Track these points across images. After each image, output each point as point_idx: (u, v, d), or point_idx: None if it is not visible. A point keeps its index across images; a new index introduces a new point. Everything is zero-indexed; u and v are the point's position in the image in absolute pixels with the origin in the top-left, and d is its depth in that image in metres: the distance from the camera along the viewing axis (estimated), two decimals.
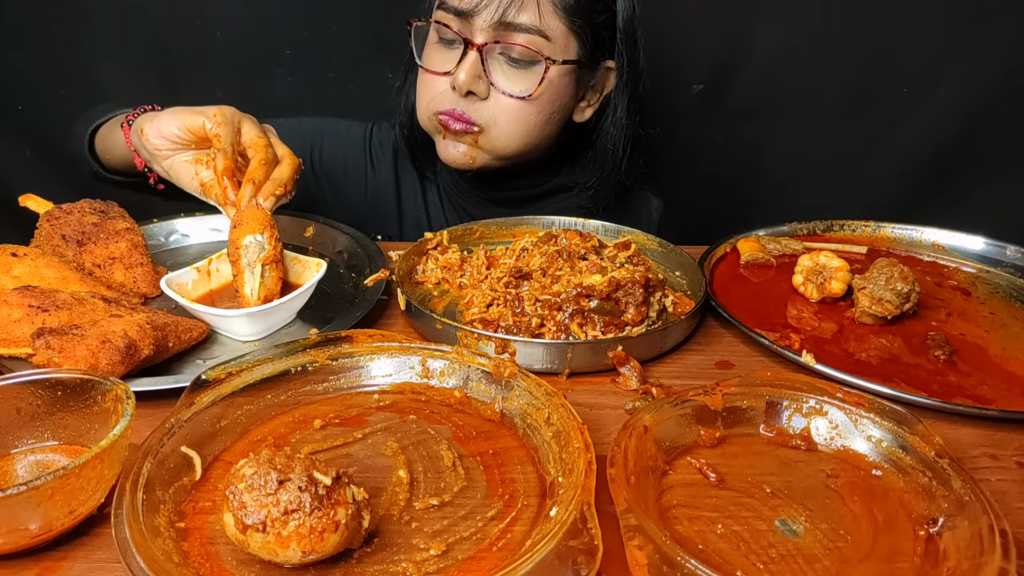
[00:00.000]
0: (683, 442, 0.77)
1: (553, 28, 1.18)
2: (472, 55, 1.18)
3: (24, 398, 0.71)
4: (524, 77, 1.20)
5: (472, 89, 1.20)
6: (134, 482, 0.63)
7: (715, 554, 0.65)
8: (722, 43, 1.83)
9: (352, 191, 1.50)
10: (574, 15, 1.19)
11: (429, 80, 1.25)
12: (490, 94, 1.21)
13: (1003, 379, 0.95)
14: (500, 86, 1.21)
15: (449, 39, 1.22)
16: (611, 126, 1.31)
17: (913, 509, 0.70)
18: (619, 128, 1.31)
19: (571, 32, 1.20)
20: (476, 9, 1.16)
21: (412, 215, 1.50)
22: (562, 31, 1.19)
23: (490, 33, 1.17)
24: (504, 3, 1.15)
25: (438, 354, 0.85)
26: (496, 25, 1.16)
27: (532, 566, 0.57)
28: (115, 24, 1.75)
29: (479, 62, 1.19)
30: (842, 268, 1.10)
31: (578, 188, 1.40)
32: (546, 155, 1.36)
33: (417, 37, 1.29)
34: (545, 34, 1.18)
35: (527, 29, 1.17)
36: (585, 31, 1.21)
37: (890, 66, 1.81)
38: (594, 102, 1.33)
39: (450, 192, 1.46)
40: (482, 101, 1.22)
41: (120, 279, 1.05)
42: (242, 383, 0.78)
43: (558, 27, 1.19)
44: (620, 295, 0.97)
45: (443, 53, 1.23)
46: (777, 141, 1.92)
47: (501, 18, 1.15)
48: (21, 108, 1.82)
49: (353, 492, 0.61)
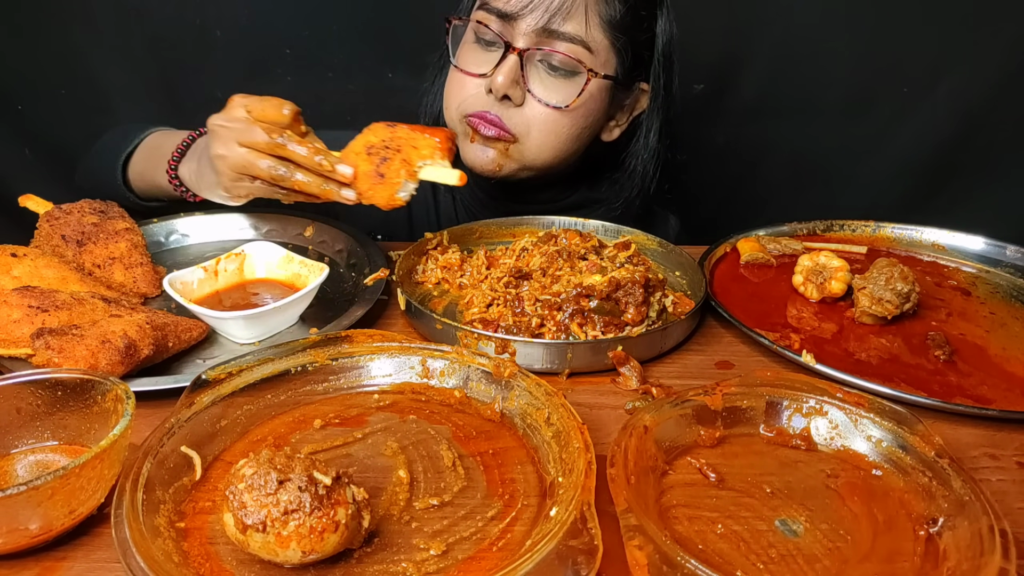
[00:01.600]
0: (683, 442, 0.77)
1: (597, 41, 1.16)
2: (512, 59, 1.15)
3: (24, 398, 0.71)
4: (562, 87, 1.18)
5: (508, 94, 1.16)
6: (134, 482, 0.63)
7: (715, 554, 0.65)
8: (722, 43, 1.83)
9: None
10: (619, 31, 1.17)
11: (461, 80, 1.22)
12: (525, 101, 1.18)
13: (1003, 379, 0.95)
14: (537, 93, 1.17)
15: (488, 40, 1.18)
16: (641, 149, 1.30)
17: (913, 509, 0.70)
18: (649, 151, 1.29)
19: (613, 48, 1.18)
20: (521, 13, 1.13)
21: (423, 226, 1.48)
22: (605, 46, 1.17)
23: (532, 38, 1.14)
24: (551, 9, 1.12)
25: (438, 354, 0.85)
26: (540, 31, 1.13)
27: (532, 566, 0.57)
28: (115, 23, 1.75)
29: (518, 66, 1.15)
30: (842, 268, 1.10)
31: (599, 207, 1.37)
32: (568, 171, 1.33)
33: (453, 36, 1.25)
34: (588, 46, 1.15)
35: (571, 38, 1.14)
36: (627, 49, 1.19)
37: (890, 66, 1.81)
38: (623, 122, 1.31)
39: (467, 203, 1.43)
40: (516, 108, 1.18)
41: (120, 279, 1.05)
42: (242, 383, 0.78)
43: (601, 41, 1.16)
44: (620, 295, 0.97)
45: (480, 54, 1.20)
46: (777, 141, 1.92)
47: (547, 24, 1.13)
48: (21, 108, 1.82)
49: (353, 492, 0.61)
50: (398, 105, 1.75)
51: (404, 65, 1.77)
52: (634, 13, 1.18)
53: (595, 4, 1.15)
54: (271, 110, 0.97)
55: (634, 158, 1.31)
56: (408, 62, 1.73)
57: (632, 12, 1.18)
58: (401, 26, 1.76)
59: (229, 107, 1.00)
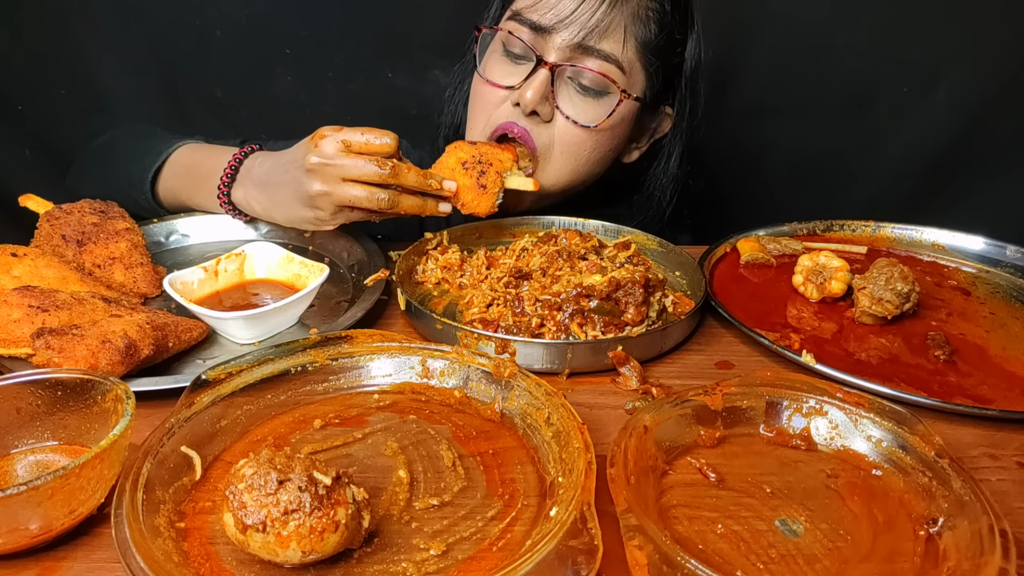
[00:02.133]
0: (683, 442, 0.77)
1: (630, 62, 1.14)
2: (543, 73, 1.12)
3: (24, 398, 0.71)
4: (592, 107, 1.15)
5: (537, 110, 1.14)
6: (134, 482, 0.63)
7: (715, 554, 0.65)
8: (722, 43, 1.83)
9: None
10: (652, 54, 1.15)
11: (487, 92, 1.19)
12: (553, 118, 1.16)
13: (1003, 379, 0.95)
14: (565, 111, 1.15)
15: (518, 53, 1.16)
16: (661, 173, 1.28)
17: (913, 509, 0.70)
18: (669, 176, 1.28)
19: (644, 70, 1.17)
20: (556, 27, 1.10)
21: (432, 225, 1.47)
22: (637, 67, 1.15)
23: (566, 53, 1.12)
24: (588, 26, 1.09)
25: (438, 354, 0.85)
26: (574, 46, 1.11)
27: (532, 566, 0.57)
28: (115, 24, 1.75)
29: (548, 82, 1.13)
30: (842, 268, 1.10)
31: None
32: (586, 193, 1.31)
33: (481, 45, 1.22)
34: (622, 66, 1.13)
35: (606, 56, 1.12)
36: (658, 72, 1.18)
37: (890, 66, 1.81)
38: (643, 145, 1.30)
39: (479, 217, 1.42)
40: (544, 124, 1.16)
41: (120, 279, 1.05)
42: (242, 383, 0.78)
43: (635, 62, 1.15)
44: (620, 295, 0.97)
45: (507, 66, 1.17)
46: (777, 141, 1.92)
47: (582, 40, 1.10)
48: (21, 108, 1.82)
49: (353, 492, 0.61)
50: (398, 105, 1.76)
51: (404, 65, 1.77)
52: (669, 36, 1.16)
53: (633, 24, 1.12)
54: (374, 141, 0.98)
55: (654, 181, 1.29)
56: (408, 62, 1.73)
57: (668, 36, 1.16)
58: (401, 26, 1.76)
59: (320, 142, 0.99)
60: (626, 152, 1.29)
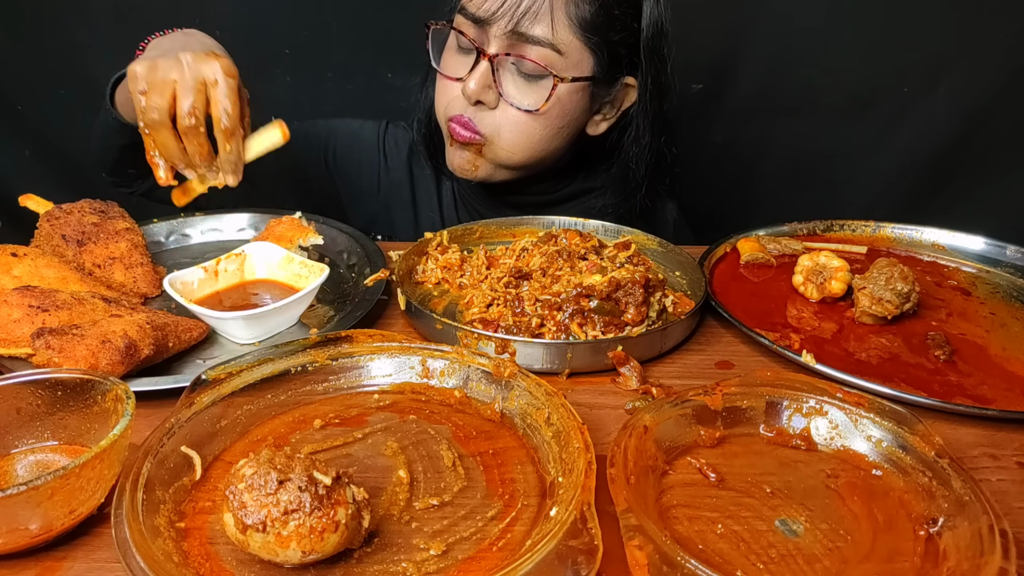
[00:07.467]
0: (683, 442, 0.77)
1: (567, 43, 1.16)
2: (484, 64, 1.17)
3: (24, 398, 0.71)
4: (533, 91, 1.19)
5: (481, 98, 1.19)
6: (134, 482, 0.63)
7: (715, 554, 0.65)
8: (722, 43, 1.83)
9: (365, 189, 1.49)
10: (590, 32, 1.17)
11: (445, 84, 1.25)
12: (499, 104, 1.21)
13: (1003, 379, 0.95)
14: (509, 97, 1.20)
15: (465, 46, 1.21)
16: (632, 144, 1.29)
17: (913, 509, 0.70)
18: (641, 147, 1.29)
19: (586, 48, 1.18)
20: (491, 18, 1.15)
21: (427, 216, 1.48)
22: (576, 46, 1.17)
23: (504, 43, 1.16)
24: (519, 13, 1.13)
25: (438, 354, 0.85)
26: (510, 35, 1.15)
27: (532, 566, 0.57)
28: (115, 24, 1.75)
29: (490, 72, 1.18)
30: (842, 268, 1.10)
31: (597, 192, 1.38)
32: (559, 164, 1.35)
33: (436, 40, 1.27)
34: (558, 48, 1.16)
35: (539, 42, 1.15)
36: (601, 48, 1.19)
37: (890, 66, 1.81)
38: (610, 116, 1.31)
39: (466, 195, 1.45)
40: (490, 111, 1.21)
41: (120, 279, 1.05)
42: (242, 383, 0.78)
43: (572, 42, 1.17)
44: (620, 295, 0.97)
45: (459, 59, 1.23)
46: (777, 141, 1.92)
47: (515, 28, 1.14)
48: (21, 108, 1.82)
49: (353, 492, 0.61)
50: (398, 105, 1.75)
51: (404, 65, 1.77)
52: (607, 12, 1.18)
53: (563, 5, 1.15)
54: (223, 113, 1.01)
55: (627, 152, 1.31)
56: (408, 62, 1.72)
57: (605, 11, 1.18)
58: (401, 26, 1.76)
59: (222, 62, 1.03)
60: (591, 124, 1.32)
